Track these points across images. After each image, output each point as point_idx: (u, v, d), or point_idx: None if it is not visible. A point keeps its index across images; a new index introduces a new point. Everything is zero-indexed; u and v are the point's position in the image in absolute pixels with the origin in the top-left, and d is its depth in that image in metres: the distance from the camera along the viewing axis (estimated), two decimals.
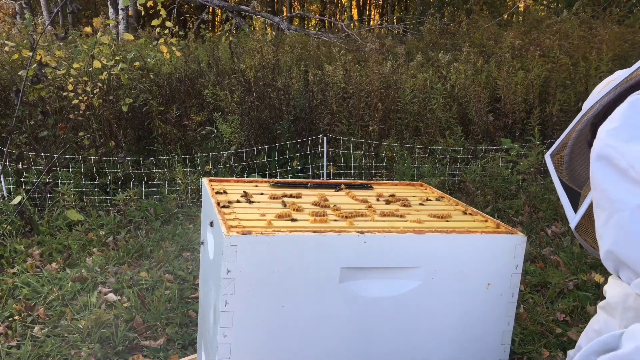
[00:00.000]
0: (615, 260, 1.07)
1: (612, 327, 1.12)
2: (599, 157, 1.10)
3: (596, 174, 1.11)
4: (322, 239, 1.32)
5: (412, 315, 1.40)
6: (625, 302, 1.09)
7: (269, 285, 1.31)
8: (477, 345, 1.46)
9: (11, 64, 6.04)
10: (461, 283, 1.41)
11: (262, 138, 5.84)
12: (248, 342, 1.33)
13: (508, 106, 6.01)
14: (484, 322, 1.45)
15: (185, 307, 3.32)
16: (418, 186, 2.04)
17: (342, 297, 1.35)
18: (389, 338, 1.40)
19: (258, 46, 6.76)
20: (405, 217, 1.55)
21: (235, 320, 1.31)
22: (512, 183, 5.31)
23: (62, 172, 5.09)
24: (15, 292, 3.48)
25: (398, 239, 1.37)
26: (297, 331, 1.35)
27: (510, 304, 1.46)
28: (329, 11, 21.17)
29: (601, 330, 1.15)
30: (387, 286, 1.38)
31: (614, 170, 1.07)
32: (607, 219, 1.08)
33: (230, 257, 1.27)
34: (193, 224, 4.66)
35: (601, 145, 1.09)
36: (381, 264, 1.37)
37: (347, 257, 1.34)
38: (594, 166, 1.12)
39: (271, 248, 1.29)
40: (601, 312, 1.17)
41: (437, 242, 1.38)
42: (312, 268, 1.32)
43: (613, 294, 1.13)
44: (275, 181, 1.90)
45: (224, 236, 1.26)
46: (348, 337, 1.38)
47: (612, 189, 1.07)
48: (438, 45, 8.34)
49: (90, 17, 16.32)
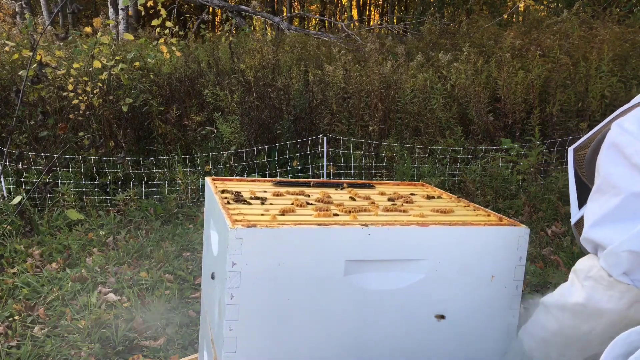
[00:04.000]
0: (594, 242, 1.17)
1: (577, 288, 1.21)
2: (610, 145, 1.16)
3: (603, 159, 1.17)
4: (327, 231, 1.33)
5: (416, 308, 1.41)
6: (589, 271, 1.18)
7: (274, 278, 1.31)
8: (482, 338, 1.47)
9: (11, 64, 6.04)
10: (465, 275, 1.42)
11: (262, 138, 5.84)
12: (254, 335, 1.33)
13: (508, 106, 6.01)
14: (488, 314, 1.46)
15: (185, 307, 3.32)
16: (419, 186, 2.04)
17: (346, 289, 1.36)
18: (394, 330, 1.41)
19: (258, 46, 6.76)
20: (408, 212, 1.56)
21: (240, 313, 1.31)
22: (512, 183, 5.31)
23: (62, 172, 5.09)
24: (15, 292, 3.48)
25: (402, 232, 1.37)
26: (302, 323, 1.36)
27: (515, 296, 1.46)
28: (329, 11, 21.17)
29: (563, 293, 1.25)
30: (391, 279, 1.39)
31: (621, 157, 1.13)
32: (602, 203, 1.15)
33: (236, 250, 1.27)
34: (193, 224, 4.66)
35: (614, 134, 1.16)
36: (385, 257, 1.38)
37: (351, 250, 1.35)
38: (603, 153, 1.18)
39: (276, 241, 1.30)
40: (571, 274, 1.27)
41: (441, 234, 1.39)
42: (317, 261, 1.33)
43: (581, 262, 1.22)
44: (277, 180, 1.91)
45: (229, 229, 1.27)
46: (353, 329, 1.39)
47: (615, 173, 1.13)
48: (438, 45, 8.34)
49: (90, 17, 16.31)
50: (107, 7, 11.44)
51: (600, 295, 1.16)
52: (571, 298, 1.23)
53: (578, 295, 1.21)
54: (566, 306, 1.24)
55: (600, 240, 1.15)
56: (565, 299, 1.25)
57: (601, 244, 1.15)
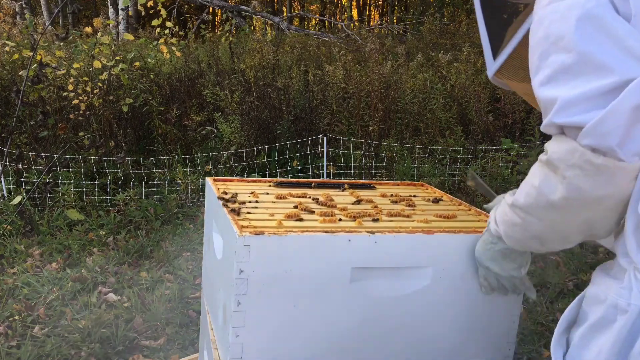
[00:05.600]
0: (569, 124, 1.02)
1: (554, 181, 1.08)
2: (585, 17, 1.02)
3: (575, 33, 1.02)
4: (334, 239, 1.34)
5: (420, 314, 1.43)
6: (570, 159, 1.03)
7: (281, 285, 1.32)
8: (483, 343, 1.49)
9: (11, 64, 6.04)
10: (468, 282, 1.43)
11: (262, 138, 5.84)
12: (260, 341, 1.34)
13: (508, 106, 6.01)
14: (489, 320, 1.48)
15: (185, 307, 3.32)
16: (419, 186, 2.06)
17: (353, 296, 1.37)
18: (398, 336, 1.43)
19: (258, 46, 6.77)
20: (412, 217, 1.56)
21: (247, 320, 1.32)
22: (512, 183, 5.31)
23: (62, 172, 5.10)
24: (15, 292, 3.48)
25: (408, 239, 1.39)
26: (308, 330, 1.36)
27: (516, 302, 1.49)
28: (329, 11, 21.17)
29: (542, 192, 1.12)
30: (396, 285, 1.40)
31: (606, 36, 1.01)
32: (579, 84, 1.01)
33: (244, 257, 1.28)
34: (193, 224, 4.66)
35: (591, 4, 1.02)
36: (391, 264, 1.39)
37: (358, 257, 1.35)
38: (573, 24, 1.03)
39: (283, 248, 1.31)
40: (542, 166, 1.13)
41: (446, 241, 1.41)
42: (324, 268, 1.34)
43: (556, 149, 1.07)
44: (278, 181, 1.91)
45: (237, 237, 1.27)
46: (358, 336, 1.40)
47: (600, 52, 1.00)
48: (438, 45, 8.34)
49: (90, 17, 16.32)
50: (107, 7, 11.46)
51: (592, 183, 1.03)
52: (555, 195, 1.09)
53: (563, 190, 1.07)
54: (554, 204, 1.10)
55: (580, 120, 1.00)
56: (547, 197, 1.11)
57: (580, 123, 1.00)
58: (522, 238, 1.26)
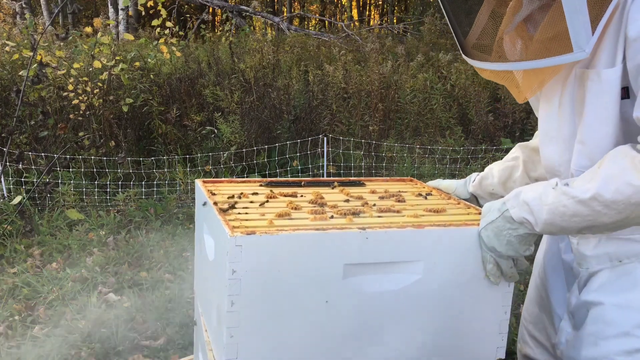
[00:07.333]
0: None
1: None
2: None
3: None
4: (325, 236, 1.34)
5: (413, 308, 1.44)
6: None
7: (274, 283, 1.32)
8: (476, 335, 1.50)
9: (12, 64, 6.05)
10: (459, 275, 1.44)
11: (262, 138, 5.84)
12: (255, 341, 1.34)
13: (508, 106, 6.02)
14: (482, 312, 1.49)
15: (185, 307, 3.32)
16: (408, 181, 2.08)
17: (346, 292, 1.38)
18: (392, 330, 1.44)
19: (258, 46, 6.77)
20: (402, 212, 1.57)
21: (241, 320, 1.32)
22: None
23: (62, 172, 5.10)
24: (15, 292, 3.48)
25: (399, 234, 1.39)
26: (303, 328, 1.37)
27: (507, 293, 1.50)
28: (329, 11, 21.17)
29: (625, 188, 1.16)
30: (389, 280, 1.41)
31: None
32: None
33: (236, 258, 1.28)
34: (193, 224, 4.66)
35: None
36: (383, 259, 1.40)
37: (350, 254, 1.36)
38: None
39: (276, 247, 1.31)
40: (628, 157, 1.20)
41: (436, 235, 1.42)
42: (316, 265, 1.34)
43: None
44: (268, 181, 1.91)
45: (228, 237, 1.27)
46: (353, 332, 1.41)
47: None
48: (438, 45, 8.35)
49: (90, 17, 16.32)
50: (107, 7, 11.46)
51: None
52: None
53: None
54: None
55: None
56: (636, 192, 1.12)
57: None
58: (575, 227, 1.25)
